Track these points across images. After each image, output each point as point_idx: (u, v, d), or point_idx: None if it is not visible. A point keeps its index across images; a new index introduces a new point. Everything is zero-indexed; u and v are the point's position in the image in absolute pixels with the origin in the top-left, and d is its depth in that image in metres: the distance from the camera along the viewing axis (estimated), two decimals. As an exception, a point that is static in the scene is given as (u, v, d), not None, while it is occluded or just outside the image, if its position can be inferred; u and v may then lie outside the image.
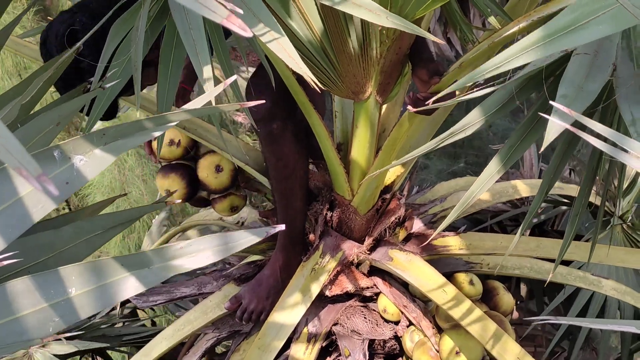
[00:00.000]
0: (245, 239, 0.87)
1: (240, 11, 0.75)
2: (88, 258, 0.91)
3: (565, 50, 0.93)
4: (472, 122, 1.22)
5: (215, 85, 1.00)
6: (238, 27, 0.73)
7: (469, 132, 1.22)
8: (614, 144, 0.77)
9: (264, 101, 1.67)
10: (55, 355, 2.52)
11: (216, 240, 0.86)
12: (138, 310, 3.20)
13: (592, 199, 2.66)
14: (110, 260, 0.83)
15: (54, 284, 0.80)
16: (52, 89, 1.48)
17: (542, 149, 0.93)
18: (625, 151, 0.76)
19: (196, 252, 0.85)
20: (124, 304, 3.05)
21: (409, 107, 1.50)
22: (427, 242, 2.00)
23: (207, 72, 1.09)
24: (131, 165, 4.96)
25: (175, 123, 0.88)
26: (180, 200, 2.29)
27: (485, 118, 1.22)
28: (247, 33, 0.73)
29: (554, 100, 0.86)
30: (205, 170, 2.14)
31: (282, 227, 0.93)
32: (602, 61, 1.07)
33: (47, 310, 0.80)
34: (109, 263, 0.82)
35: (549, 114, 0.88)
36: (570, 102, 1.03)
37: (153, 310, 3.41)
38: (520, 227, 1.43)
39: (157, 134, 0.87)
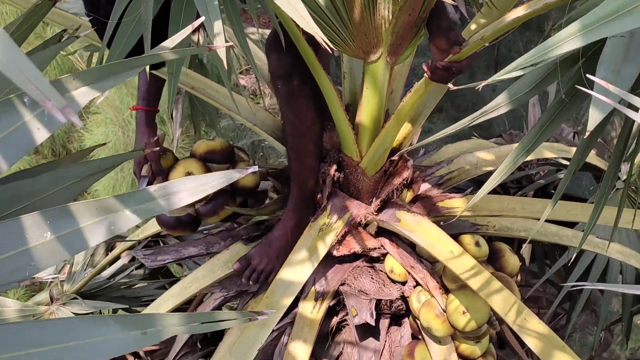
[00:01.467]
0: (219, 180, 0.88)
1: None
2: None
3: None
4: (503, 102, 1.23)
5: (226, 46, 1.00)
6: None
7: (501, 112, 1.22)
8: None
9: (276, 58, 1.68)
10: (76, 314, 2.57)
11: (190, 183, 0.87)
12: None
13: (596, 162, 2.67)
14: (83, 204, 0.84)
15: (27, 229, 0.82)
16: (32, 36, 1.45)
17: (590, 128, 0.92)
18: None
19: (170, 195, 0.86)
20: (139, 267, 3.07)
21: (426, 75, 1.50)
22: (463, 212, 2.01)
23: (217, 26, 1.09)
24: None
25: (138, 68, 0.88)
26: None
27: (518, 98, 1.22)
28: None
29: (587, 81, 0.85)
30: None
31: (255, 168, 0.94)
32: (638, 44, 1.06)
33: (22, 255, 0.81)
34: (82, 207, 0.84)
35: (583, 94, 0.88)
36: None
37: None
38: (555, 193, 1.43)
39: (124, 78, 0.87)
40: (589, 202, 2.49)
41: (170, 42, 0.90)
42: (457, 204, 2.10)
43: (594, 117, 0.92)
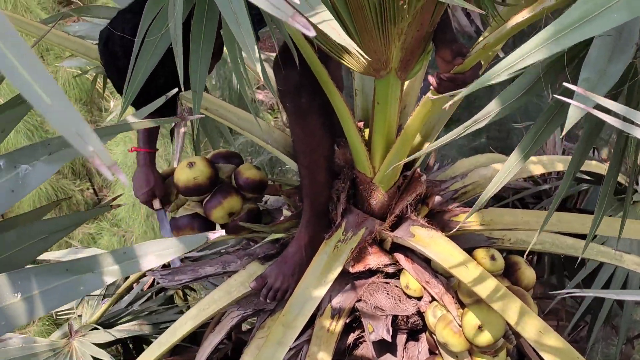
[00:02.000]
0: (183, 245, 0.89)
1: (297, 1, 0.76)
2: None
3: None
4: (494, 109, 1.23)
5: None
6: (302, 25, 0.75)
7: (493, 119, 1.22)
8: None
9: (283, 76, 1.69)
10: (96, 344, 2.59)
11: (156, 246, 0.88)
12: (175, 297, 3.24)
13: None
14: (55, 265, 0.85)
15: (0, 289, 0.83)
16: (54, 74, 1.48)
17: (563, 133, 0.93)
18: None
19: (138, 257, 0.87)
20: (160, 291, 3.09)
21: (432, 87, 1.51)
22: (462, 222, 2.01)
23: (251, 44, 1.08)
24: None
25: (117, 133, 0.91)
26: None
27: (510, 104, 1.22)
28: (311, 32, 0.75)
29: (577, 82, 0.86)
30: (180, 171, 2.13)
31: (222, 232, 0.95)
32: (625, 41, 1.07)
33: None
34: (54, 268, 0.85)
35: (573, 97, 0.88)
36: (592, 85, 1.02)
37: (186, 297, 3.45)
38: (553, 203, 1.44)
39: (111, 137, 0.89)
40: (607, 216, 2.48)
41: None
42: (471, 218, 2.10)
43: (571, 118, 0.93)
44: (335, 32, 0.99)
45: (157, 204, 2.17)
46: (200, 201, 2.12)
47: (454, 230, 2.07)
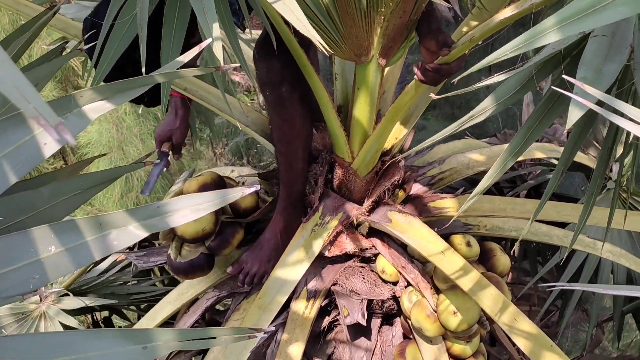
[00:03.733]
0: (218, 199, 0.88)
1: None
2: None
3: (583, 32, 0.93)
4: (490, 106, 1.23)
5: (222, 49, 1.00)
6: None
7: (488, 115, 1.23)
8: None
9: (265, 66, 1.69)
10: (65, 311, 2.57)
11: (190, 201, 0.88)
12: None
13: (588, 162, 2.68)
14: (88, 219, 0.84)
15: (33, 243, 0.82)
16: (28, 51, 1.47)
17: (567, 127, 0.94)
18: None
19: (174, 211, 0.86)
20: (129, 264, 3.08)
21: (417, 77, 1.50)
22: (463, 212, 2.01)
23: (215, 30, 1.09)
24: (129, 124, 4.96)
25: (149, 85, 0.90)
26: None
27: (504, 101, 1.23)
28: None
29: (570, 82, 0.86)
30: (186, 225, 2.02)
31: (258, 187, 0.95)
32: (619, 43, 1.07)
33: (27, 268, 0.82)
34: (87, 222, 0.84)
35: (566, 97, 0.88)
36: (590, 84, 1.02)
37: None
38: (544, 193, 1.44)
39: (136, 94, 0.88)
40: (580, 203, 2.50)
41: (186, 56, 0.91)
42: (448, 204, 2.11)
43: (573, 116, 0.93)
44: (299, 22, 1.00)
45: (166, 146, 2.10)
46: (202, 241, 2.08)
47: (430, 216, 2.08)
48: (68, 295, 2.72)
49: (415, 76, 1.52)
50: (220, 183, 2.06)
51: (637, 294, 0.75)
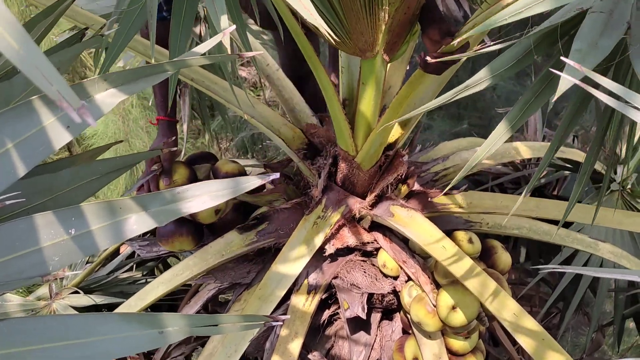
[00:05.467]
0: (236, 187, 0.89)
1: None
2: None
3: (581, 8, 0.94)
4: (485, 77, 1.23)
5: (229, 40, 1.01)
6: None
7: (482, 87, 1.23)
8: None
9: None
10: (75, 308, 2.58)
11: (207, 187, 0.88)
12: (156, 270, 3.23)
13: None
14: (103, 204, 0.85)
15: (54, 224, 0.83)
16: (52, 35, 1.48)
17: (555, 98, 0.94)
18: (636, 108, 0.78)
19: (192, 197, 0.87)
20: (141, 264, 3.08)
21: (420, 66, 1.51)
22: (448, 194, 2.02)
23: (223, 21, 1.10)
24: (135, 116, 4.95)
25: (172, 72, 0.90)
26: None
27: (499, 73, 1.23)
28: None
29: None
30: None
31: (276, 175, 0.95)
32: (617, 20, 1.08)
33: (47, 250, 0.82)
34: (107, 206, 0.85)
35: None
36: (583, 56, 1.03)
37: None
38: (527, 187, 1.45)
39: (159, 79, 0.88)
40: (584, 203, 2.51)
41: (202, 47, 0.91)
42: (452, 200, 2.11)
43: (562, 86, 0.94)
44: (307, 11, 1.00)
45: (155, 166, 2.12)
46: None
47: (433, 211, 2.08)
48: (78, 293, 2.73)
49: (419, 66, 1.52)
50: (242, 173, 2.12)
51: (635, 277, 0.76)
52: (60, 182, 1.01)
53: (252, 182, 0.90)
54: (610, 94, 0.79)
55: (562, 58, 0.81)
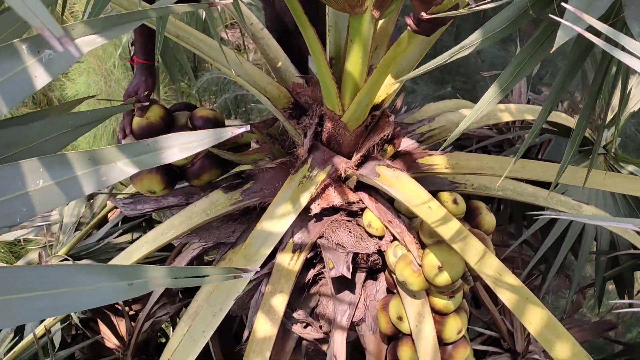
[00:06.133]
0: (209, 138, 0.88)
1: None
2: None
3: None
4: (478, 38, 1.23)
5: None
6: None
7: (476, 49, 1.22)
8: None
9: None
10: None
11: (181, 139, 0.88)
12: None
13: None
14: (77, 153, 0.85)
15: (21, 176, 0.82)
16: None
17: (554, 49, 0.94)
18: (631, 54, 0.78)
19: (161, 149, 0.87)
20: (129, 230, 3.08)
21: (410, 27, 1.49)
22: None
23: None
24: (117, 77, 4.92)
25: (143, 20, 0.89)
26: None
27: (494, 34, 1.23)
28: None
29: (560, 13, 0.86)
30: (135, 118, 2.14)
31: (247, 127, 0.95)
32: None
33: (13, 201, 0.82)
34: (77, 157, 0.85)
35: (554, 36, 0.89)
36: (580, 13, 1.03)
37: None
38: (520, 148, 1.45)
39: (129, 28, 0.88)
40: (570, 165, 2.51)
41: None
42: (437, 161, 2.12)
43: (561, 37, 0.94)
44: None
45: (131, 99, 2.15)
46: None
47: (419, 172, 2.09)
48: (67, 260, 2.72)
49: (408, 27, 1.51)
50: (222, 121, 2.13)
51: (627, 225, 0.76)
52: (31, 134, 1.00)
53: (225, 133, 0.89)
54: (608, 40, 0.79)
55: (563, 4, 0.80)
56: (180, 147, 0.88)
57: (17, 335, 2.71)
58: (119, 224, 3.08)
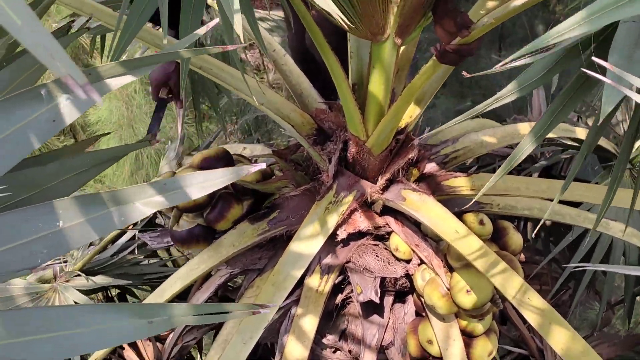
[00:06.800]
0: (226, 177, 0.89)
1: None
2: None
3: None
4: (513, 90, 1.24)
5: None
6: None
7: (511, 99, 1.24)
8: None
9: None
10: (79, 290, 2.59)
11: (199, 177, 0.89)
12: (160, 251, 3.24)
13: (601, 142, 2.67)
14: (94, 196, 0.86)
15: (42, 217, 0.83)
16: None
17: (601, 121, 0.94)
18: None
19: (180, 189, 0.88)
20: (142, 245, 3.09)
21: (435, 57, 1.50)
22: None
23: (235, 5, 1.09)
24: (139, 102, 4.96)
25: (174, 58, 0.90)
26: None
27: (528, 85, 1.24)
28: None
29: (596, 69, 0.86)
30: None
31: (262, 165, 0.95)
32: None
33: (35, 243, 0.82)
34: (96, 198, 0.85)
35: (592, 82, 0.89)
36: (621, 71, 1.03)
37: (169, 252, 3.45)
38: (568, 176, 1.45)
39: (146, 72, 0.89)
40: (593, 183, 2.50)
41: (200, 30, 0.91)
42: (461, 183, 2.11)
43: (608, 104, 0.94)
44: None
45: (164, 92, 2.13)
46: (201, 212, 2.10)
47: (444, 194, 2.09)
48: (81, 275, 2.74)
49: (433, 56, 1.52)
50: (224, 157, 2.08)
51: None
52: (47, 175, 1.01)
53: (242, 171, 0.90)
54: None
55: (602, 62, 0.80)
56: (198, 185, 0.89)
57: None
58: (136, 238, 3.08)
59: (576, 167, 1.42)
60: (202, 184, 0.89)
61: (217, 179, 0.89)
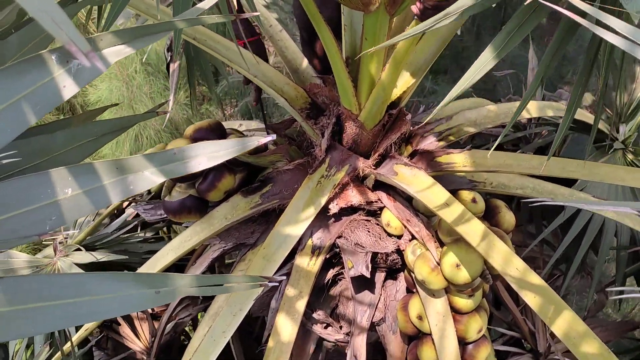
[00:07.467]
0: (235, 147, 0.89)
1: None
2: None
3: None
4: (492, 55, 1.24)
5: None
6: None
7: (492, 65, 1.23)
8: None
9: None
10: (79, 265, 2.60)
11: (208, 148, 0.89)
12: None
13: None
14: (104, 162, 0.86)
15: (50, 184, 0.83)
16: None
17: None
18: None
19: (188, 158, 0.87)
20: (146, 224, 3.09)
21: (415, 15, 1.50)
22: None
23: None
24: (139, 82, 4.95)
25: (171, 30, 0.90)
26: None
27: (505, 45, 1.23)
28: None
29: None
30: None
31: (273, 136, 0.95)
32: None
33: (43, 209, 0.83)
34: (104, 166, 0.85)
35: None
36: None
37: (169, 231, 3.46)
38: (552, 147, 1.44)
39: (157, 39, 0.88)
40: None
41: (205, 3, 0.91)
42: (455, 160, 2.11)
43: None
44: None
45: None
46: (193, 183, 2.11)
47: (437, 170, 2.08)
48: (81, 250, 2.75)
49: (414, 16, 1.51)
50: (217, 128, 2.08)
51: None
52: (56, 143, 1.02)
53: (251, 142, 0.90)
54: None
55: None
56: (207, 155, 0.89)
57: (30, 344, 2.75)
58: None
59: (560, 132, 1.42)
60: (212, 154, 0.89)
61: (228, 149, 0.89)
